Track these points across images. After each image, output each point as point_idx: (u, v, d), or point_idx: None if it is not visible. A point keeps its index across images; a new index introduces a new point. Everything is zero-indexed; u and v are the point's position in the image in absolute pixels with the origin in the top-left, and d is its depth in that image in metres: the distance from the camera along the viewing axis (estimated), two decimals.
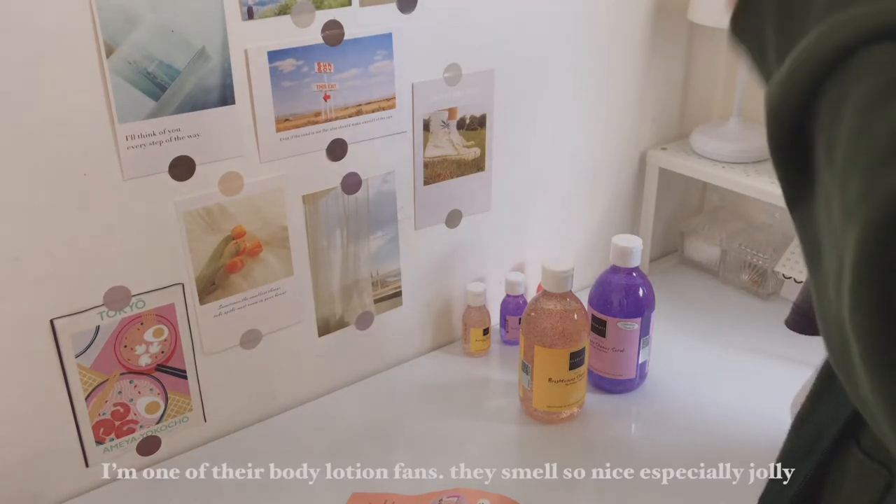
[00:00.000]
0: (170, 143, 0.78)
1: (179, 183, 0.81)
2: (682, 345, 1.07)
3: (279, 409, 0.98)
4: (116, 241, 0.79)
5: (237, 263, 0.87)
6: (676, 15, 1.16)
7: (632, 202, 1.25)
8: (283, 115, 0.85)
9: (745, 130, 1.17)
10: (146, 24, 0.73)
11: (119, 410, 0.85)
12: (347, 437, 0.93)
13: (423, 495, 0.82)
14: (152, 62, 0.75)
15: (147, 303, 0.83)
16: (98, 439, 0.85)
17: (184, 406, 0.90)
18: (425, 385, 1.02)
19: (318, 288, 0.95)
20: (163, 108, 0.77)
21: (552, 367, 0.91)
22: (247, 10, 0.79)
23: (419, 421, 0.95)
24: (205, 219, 0.84)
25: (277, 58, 0.82)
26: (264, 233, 0.88)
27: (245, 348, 0.92)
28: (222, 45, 0.78)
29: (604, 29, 1.09)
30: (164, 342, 0.85)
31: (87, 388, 0.82)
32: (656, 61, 1.18)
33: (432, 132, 0.97)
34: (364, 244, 0.97)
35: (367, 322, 1.02)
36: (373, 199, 0.95)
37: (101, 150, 0.75)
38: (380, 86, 0.91)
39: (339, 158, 0.91)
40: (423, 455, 0.89)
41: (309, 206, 0.91)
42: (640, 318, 0.95)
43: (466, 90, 0.98)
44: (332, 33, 0.85)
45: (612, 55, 1.12)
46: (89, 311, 0.80)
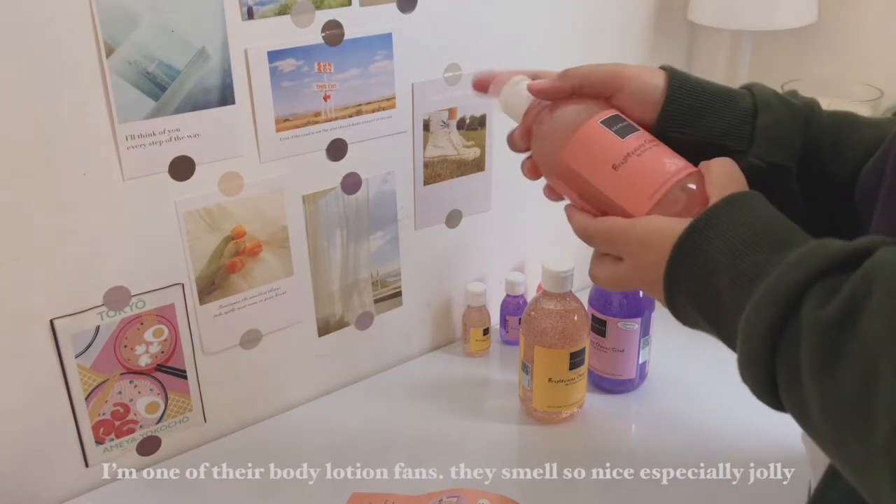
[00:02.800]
0: (170, 143, 0.78)
1: (179, 183, 0.81)
2: (682, 345, 1.07)
3: (279, 409, 0.98)
4: (116, 241, 0.79)
5: (237, 263, 0.87)
6: (677, 15, 1.16)
7: None
8: (283, 115, 0.85)
9: None
10: (146, 23, 0.73)
11: (119, 410, 0.85)
12: (347, 437, 0.93)
13: (423, 495, 0.82)
14: (152, 62, 0.75)
15: (147, 303, 0.83)
16: (98, 439, 0.85)
17: (184, 406, 0.90)
18: (425, 385, 1.02)
19: (318, 288, 0.95)
20: (163, 108, 0.77)
21: (552, 367, 0.90)
22: (247, 10, 0.79)
23: (419, 421, 0.95)
24: (205, 219, 0.83)
25: (277, 58, 0.82)
26: (264, 233, 0.88)
27: (245, 348, 0.92)
28: (222, 45, 0.78)
29: (604, 28, 1.09)
30: (164, 342, 0.85)
31: (86, 388, 0.82)
32: (656, 61, 1.18)
33: (432, 132, 0.97)
34: (364, 244, 0.97)
35: (367, 322, 1.02)
36: (373, 199, 0.95)
37: (100, 150, 0.75)
38: (380, 86, 0.90)
39: (339, 158, 0.91)
40: (423, 455, 0.89)
41: (309, 206, 0.91)
42: (640, 318, 0.95)
43: (466, 90, 0.98)
44: (332, 33, 0.85)
45: (613, 55, 1.12)
46: (89, 312, 0.80)
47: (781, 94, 0.61)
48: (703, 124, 0.59)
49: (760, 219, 0.47)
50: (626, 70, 0.60)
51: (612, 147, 0.58)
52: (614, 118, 0.59)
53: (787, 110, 0.59)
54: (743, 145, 0.58)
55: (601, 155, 0.58)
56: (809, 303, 0.40)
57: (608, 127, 0.58)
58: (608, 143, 0.58)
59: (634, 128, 0.59)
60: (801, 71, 1.16)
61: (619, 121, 0.59)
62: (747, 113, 0.59)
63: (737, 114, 0.59)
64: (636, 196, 0.56)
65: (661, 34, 1.16)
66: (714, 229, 0.48)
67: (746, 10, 1.05)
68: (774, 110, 0.59)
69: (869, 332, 0.36)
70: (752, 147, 0.58)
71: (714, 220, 0.48)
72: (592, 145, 0.58)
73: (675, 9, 1.16)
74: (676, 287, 0.49)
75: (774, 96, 0.60)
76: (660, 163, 0.56)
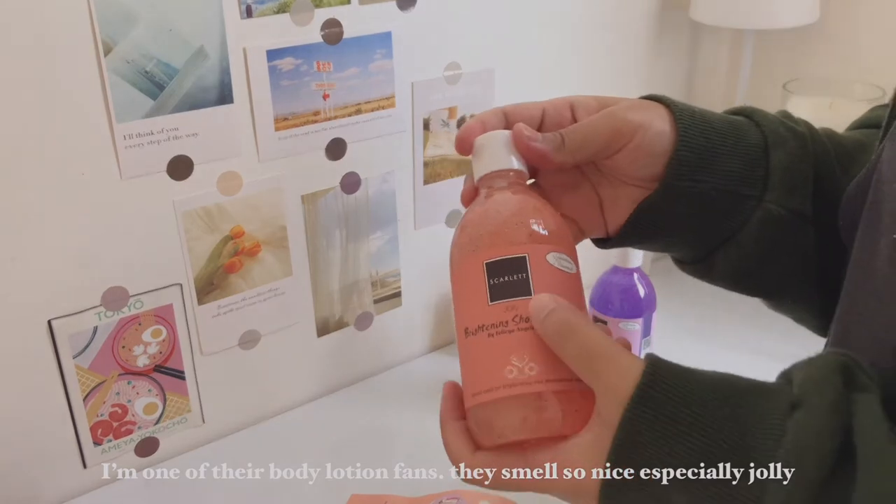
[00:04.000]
0: (168, 142, 0.78)
1: (178, 182, 0.80)
2: (683, 345, 1.07)
3: (278, 410, 0.97)
4: (114, 241, 0.79)
5: (236, 263, 0.87)
6: (678, 13, 1.16)
7: None
8: (282, 115, 0.84)
9: None
10: (144, 22, 0.73)
11: (117, 411, 0.85)
12: (347, 437, 0.93)
13: (422, 496, 0.82)
14: (150, 61, 0.74)
15: (145, 303, 0.83)
16: (96, 440, 0.84)
17: (182, 407, 0.89)
18: (425, 385, 1.02)
19: (317, 288, 0.95)
20: (161, 107, 0.76)
21: None
22: (245, 9, 0.78)
23: (419, 421, 0.95)
24: (203, 219, 0.83)
25: (276, 56, 0.82)
26: (263, 233, 0.88)
27: (244, 349, 0.92)
28: (221, 43, 0.78)
29: (605, 27, 1.09)
30: (163, 343, 0.85)
31: (84, 388, 0.81)
32: (658, 60, 1.18)
33: (432, 131, 0.97)
34: (363, 244, 0.97)
35: (366, 322, 1.01)
36: (372, 198, 0.95)
37: (98, 149, 0.75)
38: (379, 85, 0.90)
39: (339, 158, 0.91)
40: (423, 455, 0.89)
41: (308, 206, 0.90)
42: (640, 318, 0.95)
43: (466, 89, 0.97)
44: (331, 32, 0.84)
45: (614, 54, 1.12)
46: (87, 312, 0.79)
47: (784, 121, 0.52)
48: (717, 167, 0.50)
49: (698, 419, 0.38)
50: (629, 121, 0.49)
51: (475, 305, 0.43)
52: (512, 263, 0.43)
53: (796, 141, 0.51)
54: (757, 189, 0.50)
55: (465, 306, 0.44)
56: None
57: (491, 276, 0.43)
58: (475, 296, 0.43)
59: (527, 290, 0.42)
60: (802, 70, 1.15)
61: (517, 270, 0.43)
62: (758, 149, 0.50)
63: (749, 150, 0.50)
64: (468, 381, 0.43)
65: (663, 33, 1.16)
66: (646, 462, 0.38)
67: (748, 8, 1.05)
68: (786, 143, 0.50)
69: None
70: (766, 192, 0.50)
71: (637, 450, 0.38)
72: (466, 288, 0.44)
73: (677, 7, 1.15)
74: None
75: (782, 125, 0.52)
76: (504, 361, 0.41)
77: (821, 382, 0.36)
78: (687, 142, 0.49)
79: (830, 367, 0.36)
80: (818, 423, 0.34)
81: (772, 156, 0.50)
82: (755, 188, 0.50)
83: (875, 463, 0.33)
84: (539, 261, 0.43)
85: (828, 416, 0.34)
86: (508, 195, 0.46)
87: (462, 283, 0.44)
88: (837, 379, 0.35)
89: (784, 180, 0.50)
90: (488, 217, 0.45)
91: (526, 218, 0.44)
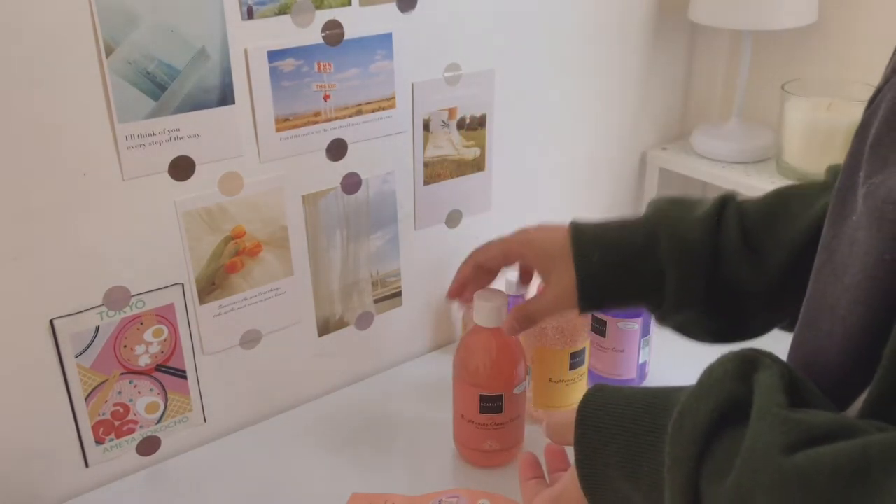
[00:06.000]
0: (169, 142, 0.78)
1: (179, 183, 0.81)
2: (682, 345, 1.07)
3: (279, 409, 0.98)
4: (116, 241, 0.79)
5: (237, 263, 0.87)
6: (677, 14, 1.16)
7: (632, 202, 1.24)
8: (283, 115, 0.85)
9: (745, 130, 1.17)
10: (146, 23, 0.73)
11: (119, 410, 0.85)
12: (347, 437, 0.93)
13: (422, 495, 0.82)
14: (152, 62, 0.75)
15: (147, 303, 0.83)
16: (98, 439, 0.85)
17: (183, 406, 0.90)
18: (425, 385, 1.02)
19: (317, 288, 0.95)
20: (162, 107, 0.77)
21: (552, 368, 0.90)
22: (246, 10, 0.79)
23: (419, 421, 0.95)
24: (204, 219, 0.83)
25: (277, 57, 0.82)
26: (264, 233, 0.88)
27: (245, 348, 0.92)
28: (222, 44, 0.78)
29: (604, 28, 1.09)
30: (164, 342, 0.85)
31: (86, 388, 0.82)
32: (657, 61, 1.18)
33: (432, 132, 0.97)
34: (364, 244, 0.97)
35: (367, 322, 1.02)
36: (373, 198, 0.95)
37: (100, 149, 0.75)
38: (380, 85, 0.90)
39: (339, 158, 0.91)
40: (423, 455, 0.89)
41: (309, 206, 0.91)
42: (640, 318, 0.95)
43: (466, 90, 0.98)
44: (331, 33, 0.85)
45: (613, 54, 1.12)
46: (89, 311, 0.80)
47: (687, 232, 0.67)
48: (619, 302, 0.72)
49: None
50: (557, 301, 0.72)
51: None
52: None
53: (689, 255, 0.66)
54: (656, 307, 0.70)
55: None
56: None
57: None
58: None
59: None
60: (800, 71, 1.16)
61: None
62: (656, 280, 0.67)
63: (644, 285, 0.68)
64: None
65: (661, 34, 1.16)
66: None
67: (747, 9, 1.05)
68: (679, 265, 0.66)
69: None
70: (664, 305, 0.68)
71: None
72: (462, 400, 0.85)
73: (675, 8, 1.16)
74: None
75: (682, 241, 0.67)
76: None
77: (715, 366, 0.47)
78: (586, 294, 0.69)
79: (728, 357, 0.46)
80: (709, 383, 0.46)
81: (666, 282, 0.67)
82: (656, 306, 0.69)
83: (757, 419, 0.41)
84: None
85: (719, 382, 0.45)
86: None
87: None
88: (731, 365, 0.46)
89: (679, 296, 0.67)
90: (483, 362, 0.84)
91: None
